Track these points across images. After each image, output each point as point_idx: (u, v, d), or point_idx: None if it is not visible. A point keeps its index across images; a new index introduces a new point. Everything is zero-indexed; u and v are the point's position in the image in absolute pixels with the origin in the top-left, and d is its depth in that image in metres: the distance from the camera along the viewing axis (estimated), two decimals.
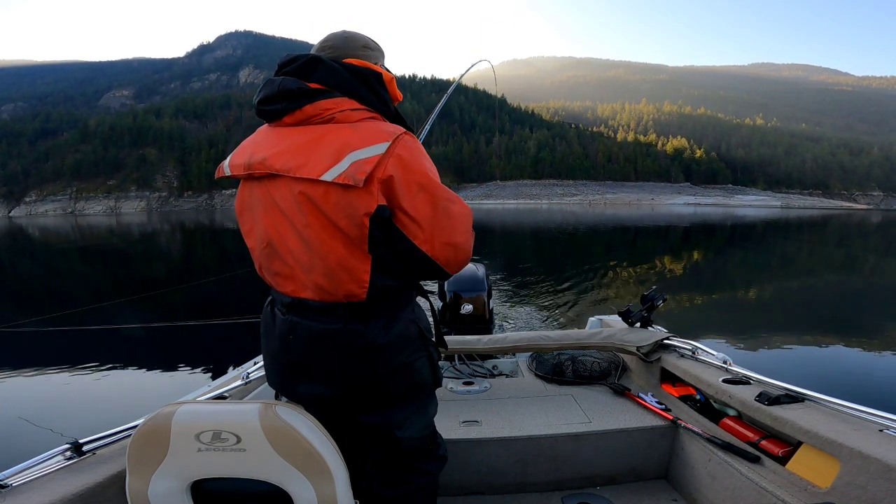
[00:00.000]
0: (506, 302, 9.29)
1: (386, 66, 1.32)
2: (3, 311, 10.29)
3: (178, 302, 10.10)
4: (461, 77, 3.18)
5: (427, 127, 2.23)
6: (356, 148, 1.08)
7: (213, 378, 2.09)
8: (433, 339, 1.33)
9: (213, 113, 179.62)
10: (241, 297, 9.65)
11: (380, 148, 1.08)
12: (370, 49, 1.28)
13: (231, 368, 2.19)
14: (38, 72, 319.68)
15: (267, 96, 1.18)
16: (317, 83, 1.15)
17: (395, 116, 1.26)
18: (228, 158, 1.26)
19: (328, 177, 1.07)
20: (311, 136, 1.13)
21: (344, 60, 1.21)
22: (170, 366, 6.14)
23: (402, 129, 1.15)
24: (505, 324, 7.52)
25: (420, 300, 1.37)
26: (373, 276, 1.14)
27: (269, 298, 1.32)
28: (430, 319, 1.38)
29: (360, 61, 1.22)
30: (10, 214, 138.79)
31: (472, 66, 3.20)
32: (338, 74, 1.16)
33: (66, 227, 60.99)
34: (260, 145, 1.20)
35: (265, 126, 1.25)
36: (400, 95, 1.32)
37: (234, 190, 1.25)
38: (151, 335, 7.06)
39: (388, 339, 1.18)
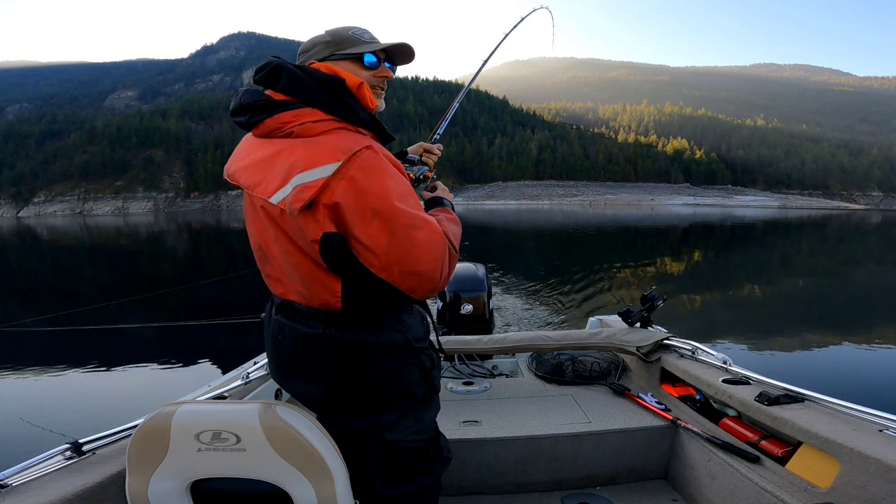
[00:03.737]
0: (506, 302, 9.28)
1: (349, 51, 1.18)
2: (4, 311, 10.31)
3: (180, 302, 10.10)
4: (513, 28, 2.42)
5: (442, 125, 1.97)
6: (303, 169, 1.01)
7: (213, 378, 2.09)
8: (426, 346, 1.28)
9: (219, 114, 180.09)
10: (244, 298, 9.66)
11: (326, 170, 1.00)
12: (336, 43, 1.18)
13: (231, 368, 2.19)
14: (42, 73, 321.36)
15: (234, 108, 1.16)
16: (282, 93, 1.12)
17: (368, 123, 1.16)
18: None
19: (275, 200, 1.04)
20: (270, 151, 1.10)
21: (312, 64, 1.17)
22: (170, 366, 6.14)
23: (365, 143, 1.05)
24: (505, 324, 7.52)
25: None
26: (346, 290, 1.12)
27: (271, 297, 1.32)
28: (430, 323, 1.35)
29: (330, 64, 1.17)
30: (19, 215, 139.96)
31: (528, 14, 2.49)
32: (301, 83, 1.10)
33: (75, 227, 61.08)
34: (237, 155, 1.21)
35: (250, 133, 1.22)
36: (373, 102, 1.19)
37: (239, 191, 1.24)
38: (152, 335, 7.07)
39: (368, 346, 1.16)
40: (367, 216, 1.01)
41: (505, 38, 2.39)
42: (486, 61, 2.26)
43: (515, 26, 2.44)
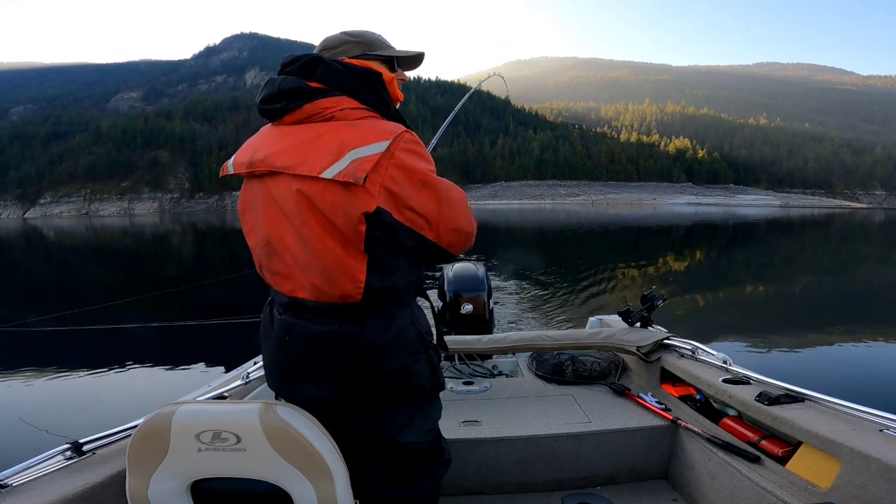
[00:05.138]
0: (506, 302, 9.27)
1: (385, 54, 1.29)
2: (8, 311, 10.34)
3: (183, 302, 10.12)
4: (471, 92, 3.20)
5: (435, 139, 2.25)
6: (356, 146, 1.08)
7: (213, 378, 2.09)
8: (433, 341, 1.31)
9: (222, 115, 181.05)
10: (247, 297, 9.66)
11: (380, 146, 1.08)
12: (365, 43, 1.27)
13: (231, 368, 2.20)
14: (45, 74, 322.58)
15: (268, 95, 1.18)
16: (318, 82, 1.16)
17: (395, 117, 1.26)
18: (233, 157, 1.27)
19: (328, 174, 1.06)
20: (312, 134, 1.13)
21: (344, 60, 1.22)
22: (170, 366, 6.15)
23: (403, 128, 1.15)
24: (505, 324, 7.51)
25: (420, 301, 1.34)
26: (369, 277, 1.13)
27: (269, 299, 1.30)
28: (431, 321, 1.36)
29: (362, 61, 1.23)
30: (25, 216, 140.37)
31: (483, 80, 3.23)
32: (339, 74, 1.17)
33: (81, 228, 61.39)
34: (262, 144, 1.20)
35: (268, 125, 1.25)
36: (401, 96, 1.32)
37: None
38: (152, 335, 7.07)
39: (384, 341, 1.16)
40: (418, 187, 1.12)
41: (467, 97, 2.98)
42: (451, 117, 2.74)
43: (474, 89, 3.21)
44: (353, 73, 1.18)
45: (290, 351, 1.20)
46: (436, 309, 1.57)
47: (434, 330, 1.36)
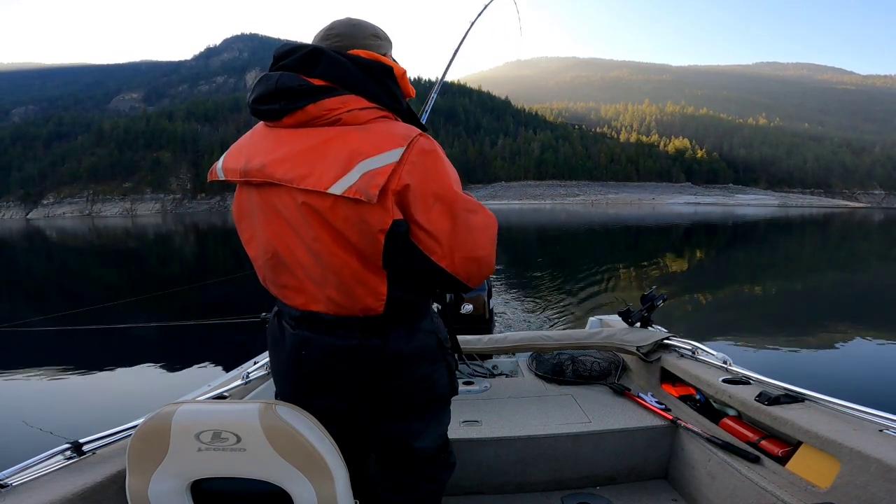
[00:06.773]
0: (506, 302, 9.28)
1: (394, 57, 1.20)
2: (9, 310, 10.35)
3: (184, 302, 10.11)
4: (479, 15, 2.61)
5: (430, 103, 1.99)
6: (367, 156, 0.96)
7: (213, 378, 2.09)
8: (450, 346, 1.27)
9: (224, 116, 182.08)
10: (247, 298, 9.65)
11: (393, 155, 0.96)
12: (379, 38, 1.15)
13: (231, 368, 2.19)
14: (47, 75, 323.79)
15: (263, 94, 1.05)
16: (320, 79, 1.02)
17: (407, 114, 1.14)
18: (221, 160, 1.16)
19: (336, 189, 0.96)
20: (315, 140, 1.01)
21: (350, 52, 1.08)
22: (170, 365, 6.16)
23: (418, 131, 1.03)
24: (505, 324, 7.52)
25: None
26: (390, 290, 1.06)
27: (276, 310, 1.22)
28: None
29: (369, 52, 1.09)
30: (28, 217, 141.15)
31: (489, 2, 2.68)
32: (344, 68, 1.03)
33: (83, 228, 61.48)
34: (257, 149, 1.08)
35: (261, 125, 1.12)
36: (412, 91, 1.18)
37: None
38: (152, 335, 7.08)
39: (407, 352, 1.11)
40: (429, 201, 1.00)
41: (472, 25, 2.56)
42: (458, 48, 2.41)
43: (480, 13, 2.63)
44: (360, 67, 1.04)
45: (305, 365, 1.13)
46: (447, 313, 1.53)
47: (450, 336, 1.33)
